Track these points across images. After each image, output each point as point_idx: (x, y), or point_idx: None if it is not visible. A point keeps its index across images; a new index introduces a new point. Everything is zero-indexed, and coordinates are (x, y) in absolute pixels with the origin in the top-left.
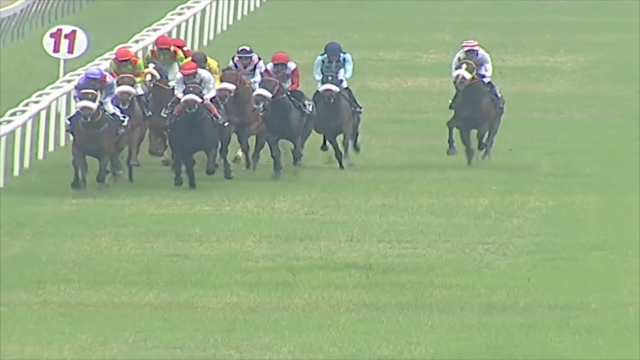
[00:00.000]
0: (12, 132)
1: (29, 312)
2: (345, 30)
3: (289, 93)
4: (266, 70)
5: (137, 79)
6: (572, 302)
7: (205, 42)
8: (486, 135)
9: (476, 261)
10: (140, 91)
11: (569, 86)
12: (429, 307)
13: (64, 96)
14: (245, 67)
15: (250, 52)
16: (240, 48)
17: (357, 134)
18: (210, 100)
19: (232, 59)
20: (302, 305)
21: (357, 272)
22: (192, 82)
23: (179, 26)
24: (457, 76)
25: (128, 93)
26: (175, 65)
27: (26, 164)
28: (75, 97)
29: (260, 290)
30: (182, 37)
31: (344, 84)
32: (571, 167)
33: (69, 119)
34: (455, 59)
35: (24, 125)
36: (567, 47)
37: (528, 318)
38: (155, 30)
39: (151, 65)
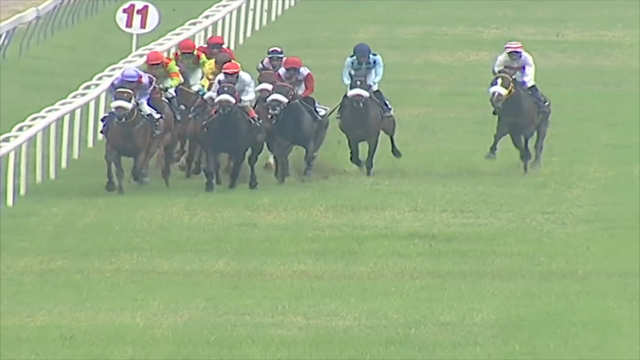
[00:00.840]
0: (86, 105)
1: (102, 279)
2: (410, 6)
3: (301, 99)
4: (277, 74)
5: (171, 82)
6: (630, 269)
7: (273, 18)
8: (532, 142)
9: (536, 230)
10: (170, 94)
11: (627, 60)
12: (490, 274)
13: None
14: (274, 69)
15: (281, 53)
16: (272, 49)
17: (393, 137)
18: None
19: (262, 61)
20: (367, 273)
21: (420, 240)
22: (227, 82)
23: (247, 1)
24: (493, 94)
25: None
26: (199, 70)
27: (99, 136)
28: (112, 96)
29: (327, 259)
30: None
31: (375, 87)
32: (629, 138)
33: (102, 120)
34: (497, 61)
35: (97, 99)
36: (624, 22)
37: (586, 285)
38: (225, 5)
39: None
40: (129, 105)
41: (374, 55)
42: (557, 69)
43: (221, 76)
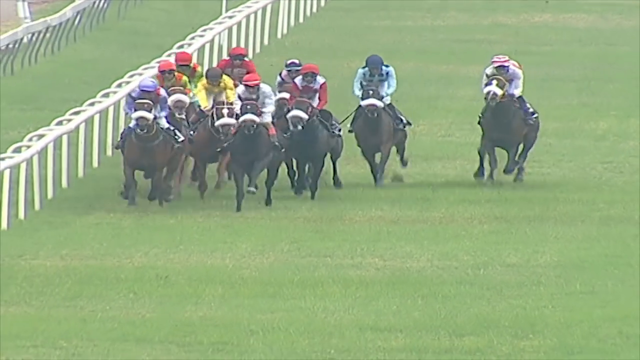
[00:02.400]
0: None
1: (194, 224)
2: None
3: (318, 113)
4: (294, 84)
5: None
6: None
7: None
8: (516, 156)
9: (596, 179)
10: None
11: None
12: (553, 219)
13: (225, 31)
14: (293, 81)
15: (299, 65)
16: (290, 61)
17: (404, 149)
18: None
19: (280, 74)
20: (439, 218)
21: (488, 188)
22: (249, 99)
23: None
24: (489, 92)
25: (183, 101)
26: (194, 83)
27: None
28: (127, 110)
29: (402, 205)
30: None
31: (387, 100)
32: None
33: (121, 135)
34: (484, 75)
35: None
36: None
37: None
38: None
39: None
40: (150, 116)
41: (387, 66)
42: (614, 29)
43: (241, 88)
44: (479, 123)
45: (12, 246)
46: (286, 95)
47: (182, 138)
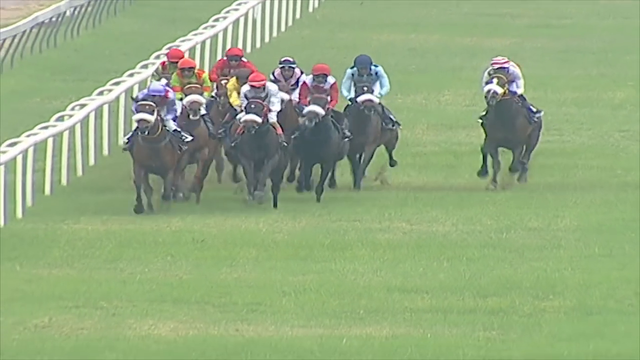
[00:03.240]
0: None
1: (230, 191)
2: None
3: (331, 114)
4: (304, 84)
5: (204, 93)
6: None
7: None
8: (520, 155)
9: (613, 146)
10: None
11: None
12: (573, 185)
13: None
14: (286, 80)
15: (294, 63)
16: (283, 59)
17: (393, 148)
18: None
19: (273, 72)
20: (464, 184)
21: (511, 155)
22: (255, 98)
23: None
24: (489, 91)
25: (198, 102)
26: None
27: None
28: (133, 110)
29: (428, 171)
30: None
31: (381, 97)
32: None
33: (128, 138)
34: (485, 74)
35: (224, 30)
36: None
37: None
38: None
39: (163, 81)
40: (152, 118)
41: (375, 66)
42: (632, 3)
43: (246, 87)
44: (481, 125)
45: (55, 211)
46: (284, 95)
47: (189, 139)
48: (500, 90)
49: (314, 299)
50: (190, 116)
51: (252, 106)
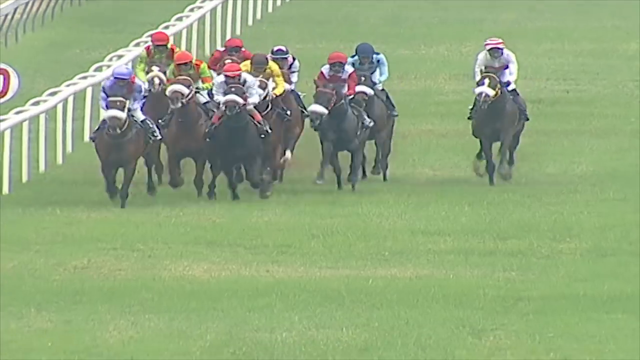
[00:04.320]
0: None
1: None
2: None
3: (348, 99)
4: (321, 74)
5: (204, 85)
6: None
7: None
8: (507, 150)
9: (627, 95)
10: (203, 99)
11: None
12: (588, 133)
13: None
14: (281, 68)
15: (286, 52)
16: (276, 48)
17: (390, 140)
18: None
19: None
20: None
21: (529, 104)
22: (234, 83)
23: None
24: (480, 94)
25: (180, 92)
26: (199, 81)
27: None
28: (102, 104)
29: (450, 119)
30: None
31: (379, 86)
32: None
33: (95, 131)
34: (479, 60)
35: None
36: None
37: None
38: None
39: (155, 68)
40: (123, 115)
41: (377, 54)
42: None
43: (221, 78)
44: (469, 118)
45: (94, 157)
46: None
47: (157, 133)
48: (492, 93)
49: (341, 241)
50: (172, 105)
51: (232, 88)
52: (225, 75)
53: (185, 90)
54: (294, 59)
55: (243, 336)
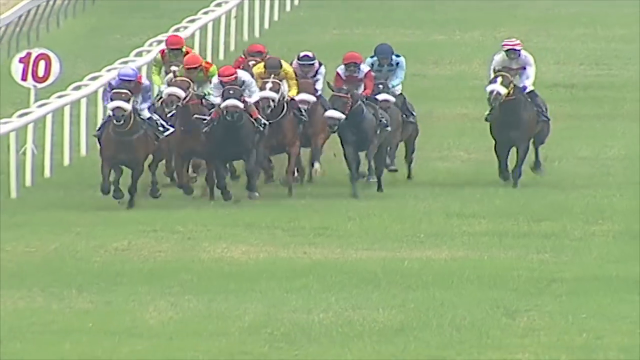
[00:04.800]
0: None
1: None
2: None
3: (364, 100)
4: (337, 74)
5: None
6: None
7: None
8: (524, 154)
9: None
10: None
11: None
12: (620, 117)
13: None
14: (306, 75)
15: (313, 58)
16: (303, 54)
17: (413, 148)
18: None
19: (290, 63)
20: None
21: (562, 89)
22: (232, 85)
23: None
24: (492, 92)
25: (176, 95)
26: (208, 84)
27: None
28: (105, 99)
29: (485, 104)
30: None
31: (397, 90)
32: None
33: (99, 128)
34: (494, 62)
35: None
36: None
37: None
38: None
39: (174, 68)
40: (128, 106)
41: (397, 56)
42: None
43: (216, 80)
44: (486, 119)
45: None
46: (308, 97)
47: (169, 130)
48: (503, 91)
49: (378, 223)
50: (166, 109)
51: (231, 92)
52: (221, 81)
53: (182, 93)
54: (320, 64)
55: (281, 317)
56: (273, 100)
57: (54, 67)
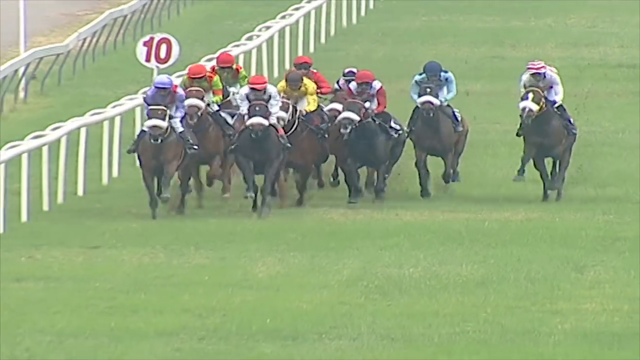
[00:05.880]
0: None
1: None
2: None
3: (374, 116)
4: (349, 90)
5: (215, 98)
6: None
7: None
8: (557, 165)
9: None
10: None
11: None
12: None
13: None
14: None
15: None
16: (347, 70)
17: (460, 152)
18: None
19: (337, 81)
20: (585, 92)
21: (626, 69)
22: (258, 100)
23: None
24: (524, 109)
25: (197, 107)
26: (237, 84)
27: None
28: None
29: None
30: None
31: (445, 103)
32: None
33: (136, 139)
34: (522, 81)
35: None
36: None
37: None
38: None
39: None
40: (164, 124)
41: (445, 72)
42: None
43: (246, 89)
44: (517, 134)
45: None
46: (338, 106)
47: (195, 148)
48: (535, 108)
49: (461, 188)
50: (188, 120)
51: (257, 108)
52: (251, 88)
53: (202, 104)
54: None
55: (375, 271)
56: (282, 120)
57: (174, 50)
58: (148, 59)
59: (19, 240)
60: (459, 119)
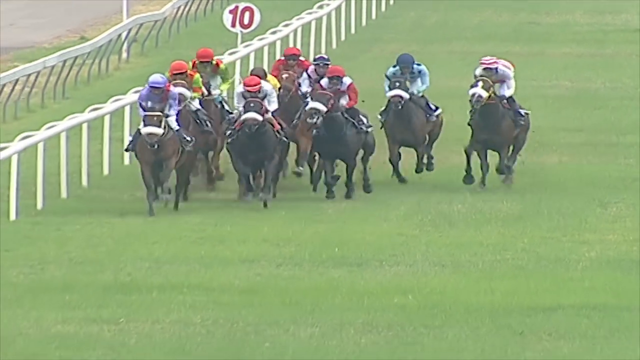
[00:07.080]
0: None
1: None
2: None
3: (343, 110)
4: (320, 85)
5: (194, 94)
6: None
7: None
8: (505, 159)
9: None
10: (195, 106)
11: None
12: None
13: None
14: (320, 77)
15: (328, 60)
16: (318, 56)
17: (435, 138)
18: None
19: (306, 70)
20: (609, 53)
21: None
22: (253, 97)
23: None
24: (473, 95)
25: (183, 95)
26: (217, 77)
27: None
28: (139, 110)
29: (584, 44)
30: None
31: (419, 94)
32: None
33: (131, 138)
34: (474, 75)
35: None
36: None
37: None
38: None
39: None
40: (161, 131)
41: (418, 65)
42: None
43: (240, 88)
44: (468, 124)
45: None
46: (320, 107)
47: (190, 142)
48: (485, 94)
49: None
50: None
51: (252, 104)
52: (245, 90)
53: (188, 93)
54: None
55: (428, 207)
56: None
57: (256, 16)
58: (233, 25)
59: (122, 180)
60: (433, 108)
